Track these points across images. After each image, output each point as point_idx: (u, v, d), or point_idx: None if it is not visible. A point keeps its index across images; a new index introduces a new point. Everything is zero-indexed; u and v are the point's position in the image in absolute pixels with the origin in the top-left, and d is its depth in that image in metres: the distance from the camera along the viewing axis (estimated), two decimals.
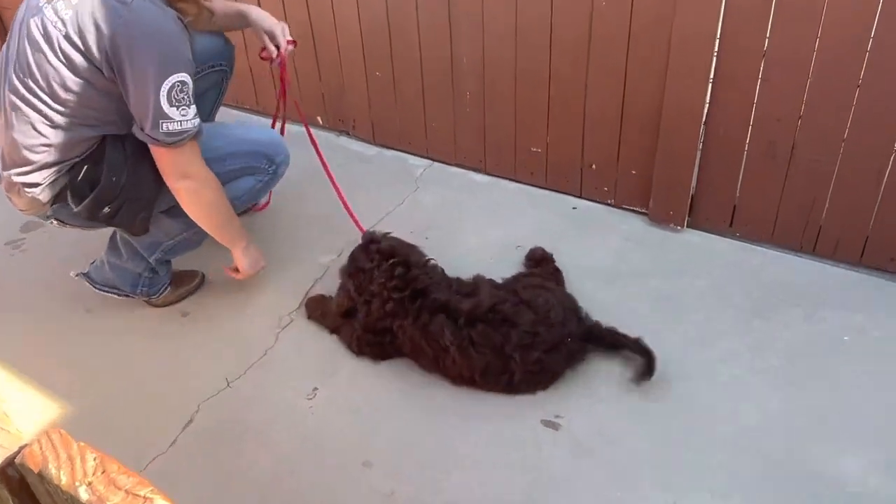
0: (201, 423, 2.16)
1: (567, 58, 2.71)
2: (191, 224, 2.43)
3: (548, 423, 2.08)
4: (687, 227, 2.78)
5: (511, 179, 3.13)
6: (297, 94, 3.53)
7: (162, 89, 1.95)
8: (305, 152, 3.40)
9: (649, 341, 2.30)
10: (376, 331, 2.23)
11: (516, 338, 2.07)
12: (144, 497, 0.61)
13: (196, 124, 2.05)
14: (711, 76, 2.45)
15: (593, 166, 2.89)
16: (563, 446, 2.02)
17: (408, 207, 3.03)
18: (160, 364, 2.37)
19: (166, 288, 2.56)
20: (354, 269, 2.30)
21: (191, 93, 2.01)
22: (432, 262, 2.31)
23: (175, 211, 2.36)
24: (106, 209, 2.19)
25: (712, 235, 2.75)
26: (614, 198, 2.91)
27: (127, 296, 2.53)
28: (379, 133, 3.41)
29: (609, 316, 2.40)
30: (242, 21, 2.54)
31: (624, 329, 2.35)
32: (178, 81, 1.96)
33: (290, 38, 2.55)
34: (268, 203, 2.98)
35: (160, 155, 2.08)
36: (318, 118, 3.54)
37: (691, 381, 2.18)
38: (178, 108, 1.98)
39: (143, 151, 2.13)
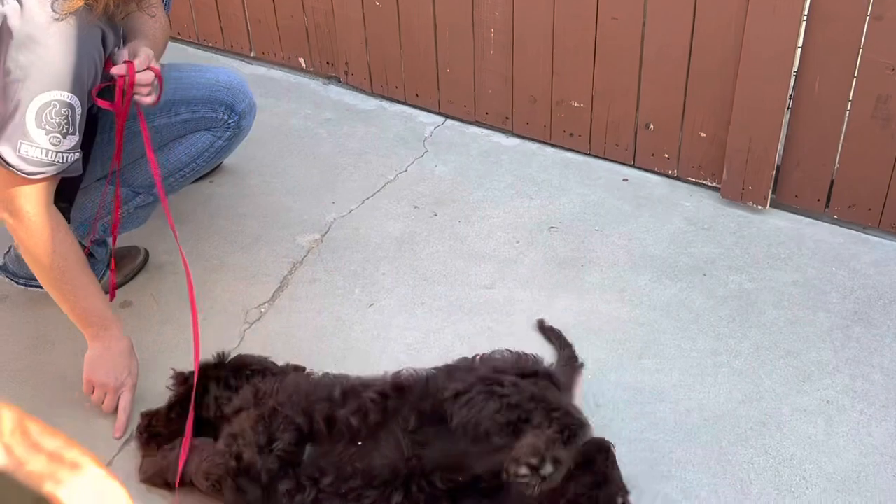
0: None
1: None
2: (133, 194, 2.44)
3: None
4: (770, 206, 2.76)
5: (546, 143, 3.12)
6: (273, 30, 3.53)
7: (32, 102, 1.90)
8: (281, 104, 3.42)
9: (718, 350, 2.29)
10: None
11: None
12: (71, 461, 0.63)
13: (69, 160, 1.98)
14: (806, 10, 2.43)
15: (651, 126, 2.88)
16: None
17: (413, 176, 3.03)
18: None
19: (105, 273, 2.57)
20: None
21: (75, 119, 1.96)
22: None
23: (115, 178, 2.37)
24: None
25: (802, 217, 2.73)
26: (677, 168, 2.90)
27: None
28: (378, 81, 3.40)
29: (667, 318, 2.40)
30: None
31: (686, 337, 2.35)
32: (55, 101, 1.92)
33: (150, 63, 2.11)
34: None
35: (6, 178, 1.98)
36: (301, 60, 3.54)
37: (769, 403, 2.17)
38: (47, 133, 1.92)
39: None
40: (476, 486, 1.81)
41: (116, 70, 2.04)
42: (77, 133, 1.99)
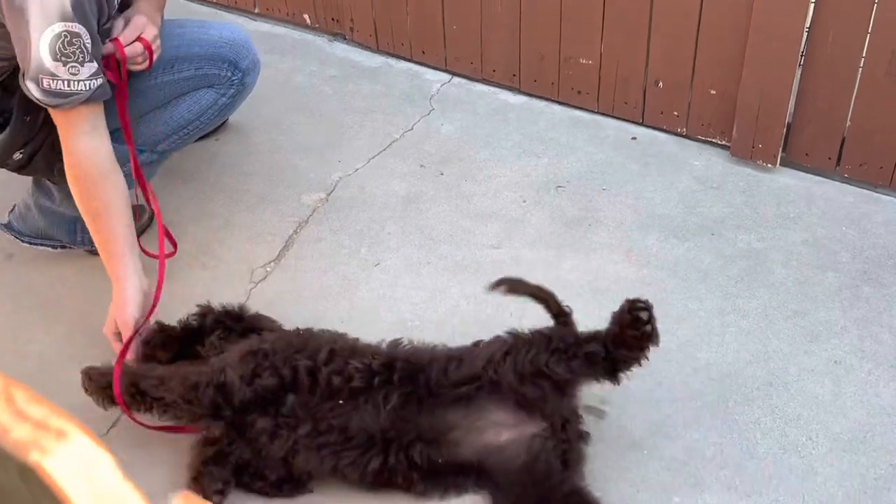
0: None
1: None
2: (137, 152, 2.43)
3: (590, 410, 2.07)
4: (780, 164, 2.74)
5: (553, 101, 3.09)
6: None
7: (42, 38, 1.93)
8: (286, 60, 3.39)
9: (726, 310, 2.28)
10: None
11: None
12: (57, 430, 0.62)
13: (93, 86, 2.01)
14: None
15: (660, 84, 2.85)
16: (608, 439, 2.02)
17: (418, 134, 3.01)
18: (98, 329, 2.37)
19: None
20: None
21: (87, 47, 1.98)
22: None
23: (119, 136, 2.36)
24: (17, 155, 2.24)
25: (813, 176, 2.71)
26: (686, 126, 2.87)
27: (64, 247, 2.54)
28: (384, 37, 3.37)
29: (674, 278, 2.39)
30: None
31: (693, 297, 2.34)
32: (64, 32, 1.94)
33: (147, 37, 2.18)
34: (174, 252, 2.44)
35: (52, 116, 2.09)
36: (305, 16, 3.50)
37: (776, 363, 2.17)
38: (65, 63, 1.96)
39: None
40: (457, 466, 1.84)
41: (105, 49, 2.13)
42: (95, 61, 2.02)
